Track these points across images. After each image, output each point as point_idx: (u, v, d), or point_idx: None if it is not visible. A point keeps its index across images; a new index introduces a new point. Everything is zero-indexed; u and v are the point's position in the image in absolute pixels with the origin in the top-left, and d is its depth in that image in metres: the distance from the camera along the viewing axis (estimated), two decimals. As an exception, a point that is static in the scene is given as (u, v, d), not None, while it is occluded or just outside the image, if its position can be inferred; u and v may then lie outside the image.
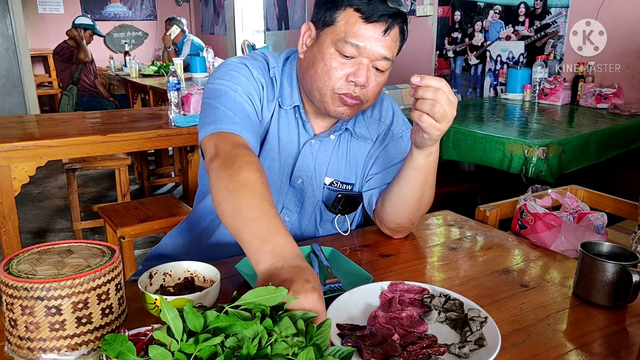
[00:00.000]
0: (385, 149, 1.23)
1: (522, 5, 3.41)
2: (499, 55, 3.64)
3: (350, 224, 1.28)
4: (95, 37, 5.35)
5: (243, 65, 1.11)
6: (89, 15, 5.60)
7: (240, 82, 1.08)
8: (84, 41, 5.16)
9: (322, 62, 1.04)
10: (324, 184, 1.20)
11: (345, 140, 1.20)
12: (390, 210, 1.15)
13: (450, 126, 0.98)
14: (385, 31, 1.00)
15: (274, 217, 0.82)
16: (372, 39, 1.00)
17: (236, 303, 0.69)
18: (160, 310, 0.68)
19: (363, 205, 1.27)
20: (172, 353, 0.60)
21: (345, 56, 1.02)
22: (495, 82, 3.71)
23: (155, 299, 0.80)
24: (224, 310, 0.66)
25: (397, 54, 1.07)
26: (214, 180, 0.91)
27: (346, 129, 1.19)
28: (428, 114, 0.92)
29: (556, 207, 1.45)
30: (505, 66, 3.60)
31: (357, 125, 1.20)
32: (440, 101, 0.90)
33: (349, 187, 1.23)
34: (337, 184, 1.21)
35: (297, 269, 0.72)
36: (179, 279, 0.93)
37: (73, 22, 5.16)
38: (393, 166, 1.20)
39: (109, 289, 0.71)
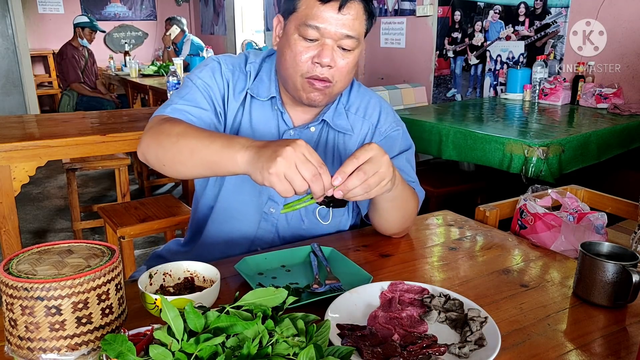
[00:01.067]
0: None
1: (522, 5, 3.41)
2: (499, 55, 3.64)
3: (352, 224, 1.28)
4: (95, 39, 5.36)
5: (216, 62, 1.17)
6: (88, 15, 5.58)
7: (204, 77, 1.14)
8: (85, 40, 5.16)
9: (288, 49, 1.06)
10: None
11: (326, 133, 1.20)
12: (379, 227, 1.20)
13: (450, 126, 0.98)
14: (340, 8, 1.00)
15: (222, 134, 0.96)
16: (331, 19, 1.01)
17: (237, 303, 0.69)
18: (160, 310, 0.69)
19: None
20: (173, 353, 0.60)
21: (308, 39, 1.03)
22: (495, 82, 3.71)
23: (156, 299, 0.80)
24: (225, 310, 0.66)
25: (367, 32, 1.08)
26: (154, 145, 1.01)
27: (323, 120, 1.18)
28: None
29: (556, 207, 1.45)
30: (505, 66, 3.60)
31: (337, 117, 1.19)
32: (368, 181, 0.87)
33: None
34: None
35: (272, 141, 0.86)
36: (178, 279, 0.93)
37: (73, 24, 5.18)
38: None
39: (109, 289, 0.71)
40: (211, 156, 0.91)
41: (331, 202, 1.06)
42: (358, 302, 0.88)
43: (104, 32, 5.91)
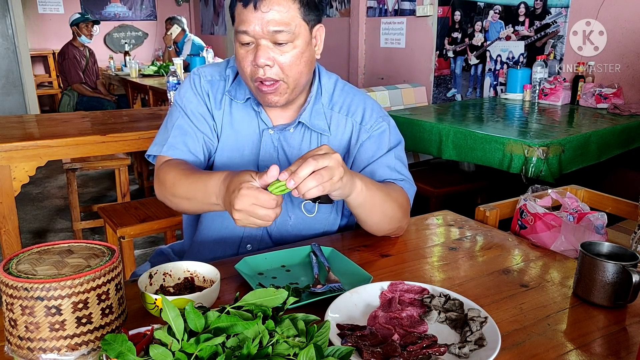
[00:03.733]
0: (361, 147, 1.21)
1: (522, 5, 3.41)
2: (499, 55, 3.64)
3: (343, 224, 1.28)
4: (96, 38, 5.35)
5: (196, 77, 1.22)
6: (81, 13, 5.55)
7: (189, 96, 1.21)
8: (84, 37, 5.16)
9: (237, 57, 1.10)
10: None
11: (305, 133, 1.20)
12: (367, 230, 1.19)
13: (451, 126, 0.99)
14: (256, 7, 1.01)
15: (199, 174, 1.06)
16: (254, 20, 1.02)
17: (237, 304, 0.69)
18: (161, 310, 0.68)
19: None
20: (173, 353, 0.60)
21: (244, 44, 1.06)
22: (495, 82, 3.71)
23: (156, 299, 0.80)
24: (225, 310, 0.66)
25: (311, 19, 1.07)
26: (162, 197, 1.16)
27: (300, 122, 1.18)
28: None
29: (556, 207, 1.45)
30: (505, 66, 3.60)
31: (314, 118, 1.19)
32: (320, 172, 0.88)
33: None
34: None
35: (229, 185, 0.93)
36: (178, 279, 0.93)
37: (69, 25, 5.18)
38: (372, 164, 1.19)
39: (109, 289, 0.71)
40: (202, 206, 1.06)
41: (317, 198, 1.07)
42: (358, 302, 0.88)
43: (98, 23, 5.86)
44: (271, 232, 1.23)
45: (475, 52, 3.83)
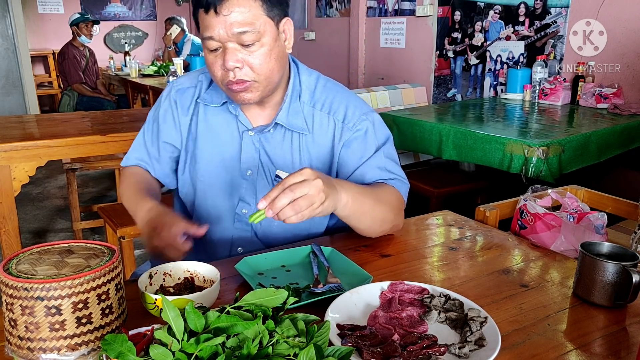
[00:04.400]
0: (347, 148, 1.19)
1: (522, 5, 3.41)
2: (499, 55, 3.64)
3: (331, 225, 1.28)
4: (95, 38, 5.35)
5: (168, 88, 1.27)
6: (81, 13, 5.55)
7: (158, 109, 1.27)
8: (84, 37, 5.16)
9: (206, 64, 1.11)
10: (278, 176, 1.18)
11: (284, 133, 1.18)
12: (360, 233, 1.16)
13: (451, 126, 0.98)
14: (217, 11, 1.00)
15: (136, 195, 1.18)
16: (217, 24, 1.01)
17: (238, 304, 0.69)
18: (161, 310, 0.68)
19: None
20: (173, 353, 0.60)
21: (213, 50, 1.06)
22: (495, 82, 3.71)
23: (156, 299, 0.80)
24: (225, 310, 0.66)
25: (276, 14, 1.06)
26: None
27: (276, 124, 1.17)
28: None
29: (556, 207, 1.45)
30: (505, 66, 3.60)
31: (292, 117, 1.17)
32: (298, 202, 0.86)
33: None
34: None
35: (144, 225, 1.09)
36: (178, 279, 0.93)
37: (69, 25, 5.18)
38: (361, 167, 1.18)
39: (109, 289, 0.71)
40: (133, 214, 1.17)
41: None
42: (358, 302, 0.88)
43: (98, 23, 5.86)
44: (259, 234, 1.23)
45: (475, 52, 3.83)
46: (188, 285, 0.92)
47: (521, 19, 3.43)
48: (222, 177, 1.21)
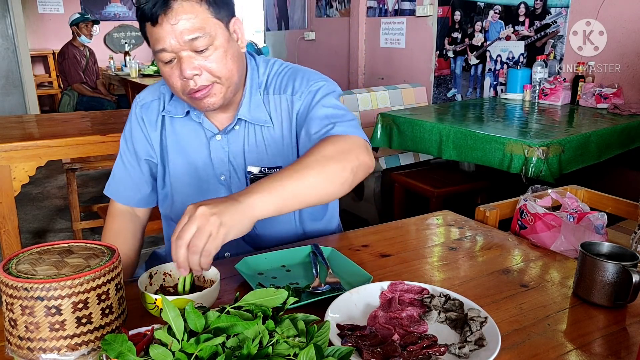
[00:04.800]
0: (299, 115, 1.15)
1: (522, 5, 3.41)
2: (499, 55, 3.64)
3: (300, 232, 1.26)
4: (95, 38, 5.34)
5: (133, 106, 1.25)
6: (80, 13, 5.55)
7: (127, 132, 1.25)
8: (84, 37, 5.16)
9: (163, 76, 1.08)
10: (251, 173, 1.19)
11: (252, 130, 1.17)
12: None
13: (451, 126, 0.97)
14: (164, 22, 0.98)
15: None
16: (166, 35, 0.99)
17: (238, 304, 0.69)
18: (160, 310, 0.68)
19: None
20: (173, 353, 0.60)
21: (168, 62, 1.03)
22: (495, 82, 3.71)
23: (156, 299, 0.80)
24: (226, 310, 0.66)
25: (224, 16, 1.04)
26: None
27: (239, 119, 1.16)
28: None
29: (556, 207, 1.45)
30: (505, 66, 3.60)
31: (254, 110, 1.16)
32: (191, 246, 0.78)
33: (276, 171, 1.14)
34: (265, 170, 1.19)
35: None
36: (178, 278, 0.93)
37: (69, 25, 5.18)
38: (305, 124, 1.13)
39: (109, 289, 0.71)
40: None
41: None
42: (358, 302, 0.88)
43: (98, 23, 5.85)
44: (242, 237, 1.22)
45: (475, 52, 3.83)
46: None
47: (521, 19, 3.43)
48: (199, 186, 1.21)
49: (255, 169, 1.19)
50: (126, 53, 5.98)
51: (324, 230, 1.31)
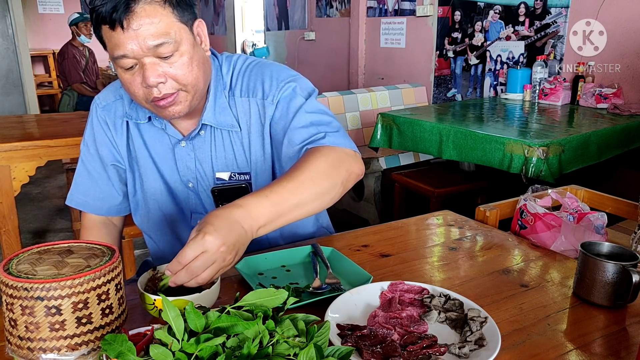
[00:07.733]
0: (273, 122, 1.10)
1: (522, 5, 3.41)
2: (499, 55, 3.64)
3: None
4: (95, 37, 5.34)
5: (93, 108, 1.18)
6: (80, 12, 5.55)
7: (88, 137, 1.20)
8: (84, 36, 5.16)
9: (123, 83, 1.01)
10: (220, 179, 1.15)
11: (219, 135, 1.13)
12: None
13: (451, 126, 0.97)
14: (124, 27, 0.91)
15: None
16: (127, 41, 0.92)
17: (238, 304, 0.69)
18: (160, 311, 0.68)
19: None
20: (173, 353, 0.60)
21: (129, 69, 0.97)
22: (495, 82, 3.71)
23: (155, 299, 0.80)
24: (226, 310, 0.66)
25: (189, 19, 0.99)
26: None
27: (204, 124, 1.11)
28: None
29: (556, 207, 1.45)
30: (505, 66, 3.60)
31: (219, 114, 1.10)
32: (190, 267, 0.78)
33: (246, 177, 1.15)
34: (235, 176, 1.15)
35: None
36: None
37: (68, 25, 5.18)
38: (287, 134, 1.08)
39: (109, 289, 0.71)
40: None
41: (225, 200, 1.02)
42: (358, 302, 0.88)
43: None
44: None
45: (475, 52, 3.83)
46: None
47: (521, 19, 3.43)
48: (169, 192, 1.18)
49: (224, 175, 1.15)
50: (126, 53, 5.97)
51: (316, 231, 1.31)
